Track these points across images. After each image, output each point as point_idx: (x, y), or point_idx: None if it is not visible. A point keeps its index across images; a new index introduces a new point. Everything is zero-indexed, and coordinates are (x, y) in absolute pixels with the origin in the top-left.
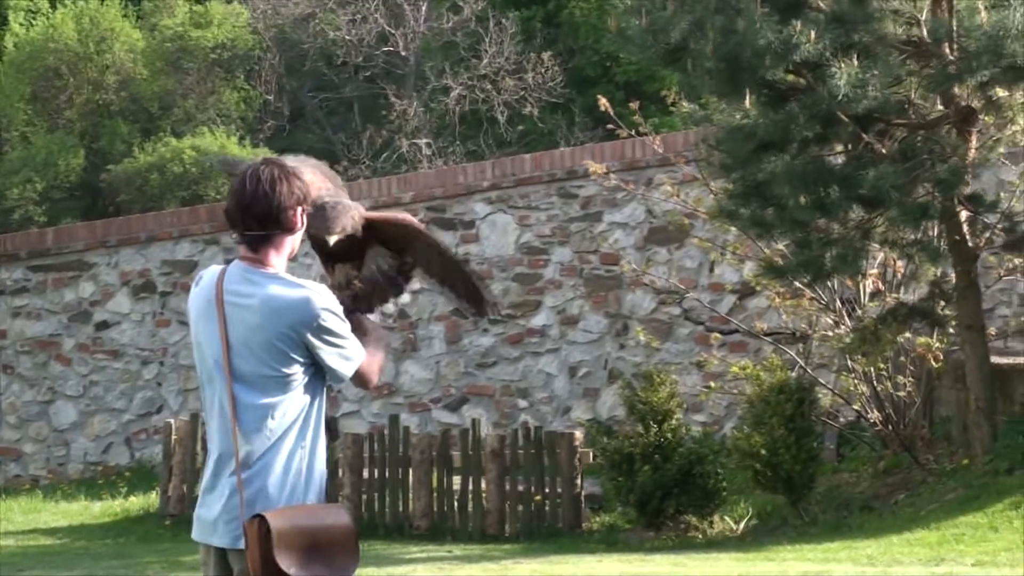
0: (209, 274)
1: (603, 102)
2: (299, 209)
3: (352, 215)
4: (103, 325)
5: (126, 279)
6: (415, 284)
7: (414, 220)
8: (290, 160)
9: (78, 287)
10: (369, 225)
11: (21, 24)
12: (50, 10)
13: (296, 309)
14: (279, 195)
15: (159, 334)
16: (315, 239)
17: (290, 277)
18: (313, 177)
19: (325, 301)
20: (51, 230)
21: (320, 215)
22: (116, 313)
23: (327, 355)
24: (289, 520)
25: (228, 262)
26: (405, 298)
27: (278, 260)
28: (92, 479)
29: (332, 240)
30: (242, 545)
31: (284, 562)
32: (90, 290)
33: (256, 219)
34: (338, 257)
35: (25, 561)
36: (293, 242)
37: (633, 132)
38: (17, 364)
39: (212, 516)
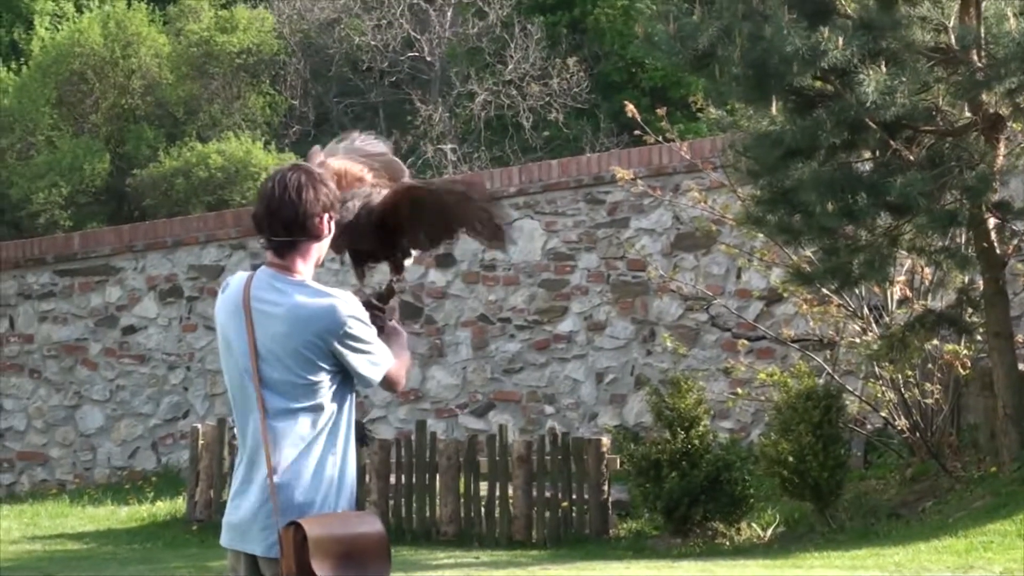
0: (236, 280)
1: (630, 108)
2: (326, 216)
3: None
4: (130, 330)
5: (153, 284)
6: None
7: (410, 183)
8: (321, 153)
9: (105, 292)
10: (383, 211)
11: (47, 28)
12: (76, 14)
13: (322, 317)
14: (306, 202)
15: (186, 339)
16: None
17: (316, 285)
18: (348, 166)
19: (351, 308)
20: (77, 234)
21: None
22: (143, 318)
23: (355, 361)
24: (325, 527)
25: (256, 268)
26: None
27: (304, 267)
28: (119, 484)
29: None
30: (276, 553)
31: (320, 570)
32: (117, 295)
33: (283, 225)
34: (369, 256)
35: (52, 566)
36: (320, 249)
37: (660, 138)
38: (44, 368)
39: (244, 522)
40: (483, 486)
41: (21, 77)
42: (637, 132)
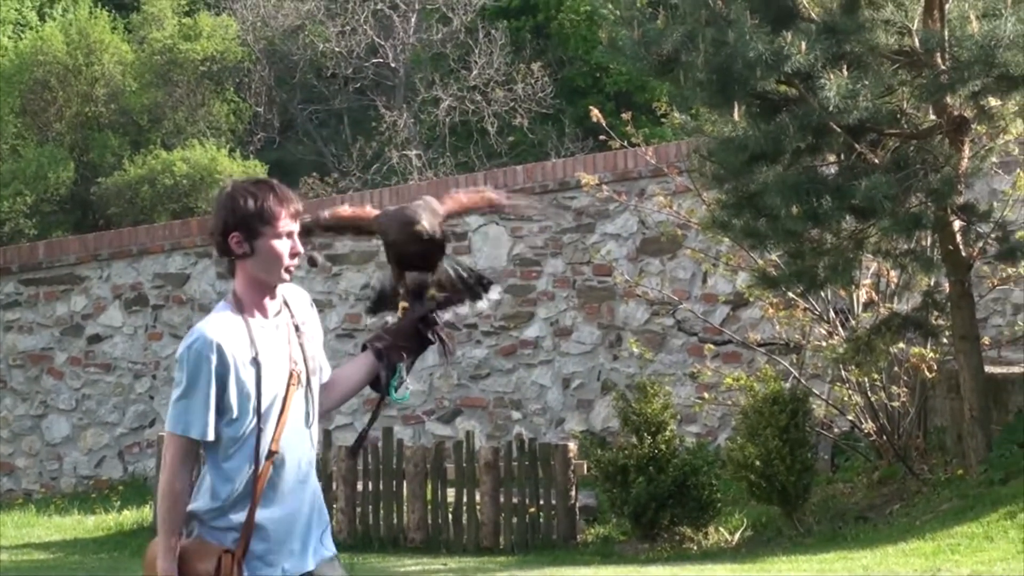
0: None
1: (595, 113)
2: (233, 235)
3: (432, 210)
4: (95, 339)
5: (118, 292)
6: (495, 294)
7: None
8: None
9: (70, 300)
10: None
11: (9, 37)
12: (38, 23)
13: None
14: (216, 217)
15: (151, 347)
16: (392, 245)
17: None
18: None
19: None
20: (42, 243)
21: (398, 215)
22: (108, 327)
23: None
24: None
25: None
26: (483, 305)
27: (238, 287)
28: (85, 493)
29: (423, 229)
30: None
31: None
32: (82, 304)
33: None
34: (412, 265)
35: None
36: (247, 269)
37: (625, 143)
38: (9, 378)
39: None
40: (450, 492)
41: None
42: (602, 137)
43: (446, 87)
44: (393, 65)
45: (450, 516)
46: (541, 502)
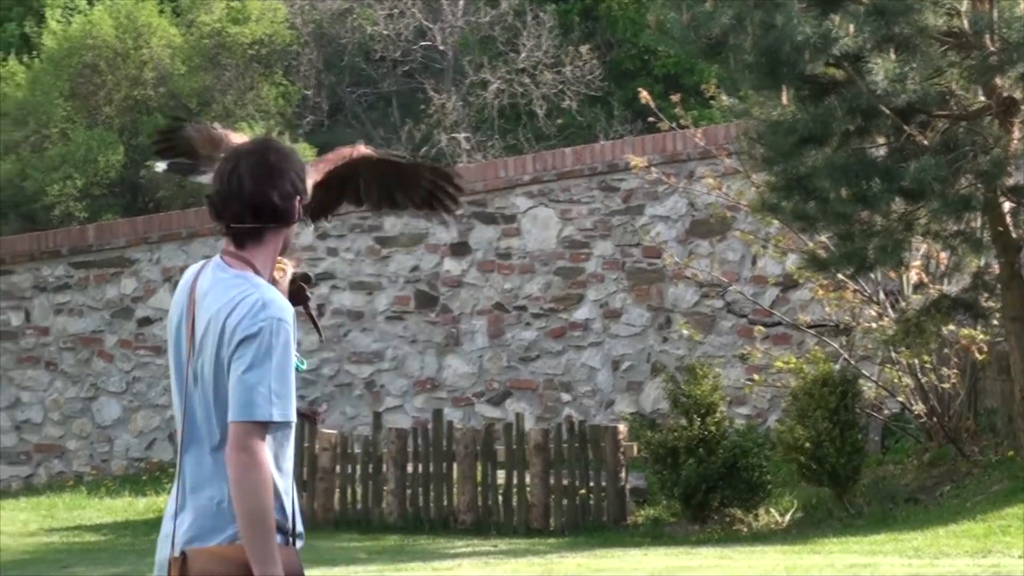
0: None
1: (644, 95)
2: (297, 199)
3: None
4: (145, 321)
5: (168, 275)
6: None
7: (355, 150)
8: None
9: (120, 283)
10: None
11: (58, 21)
12: (87, 7)
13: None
14: (278, 183)
15: None
16: None
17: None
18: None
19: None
20: (92, 226)
21: None
22: (158, 309)
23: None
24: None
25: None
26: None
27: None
28: (136, 475)
29: None
30: None
31: None
32: (132, 286)
33: (251, 209)
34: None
35: (70, 558)
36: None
37: (674, 125)
38: (60, 361)
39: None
40: (500, 474)
41: (33, 70)
42: (651, 119)
43: (495, 70)
44: (441, 48)
45: (500, 498)
46: (591, 484)
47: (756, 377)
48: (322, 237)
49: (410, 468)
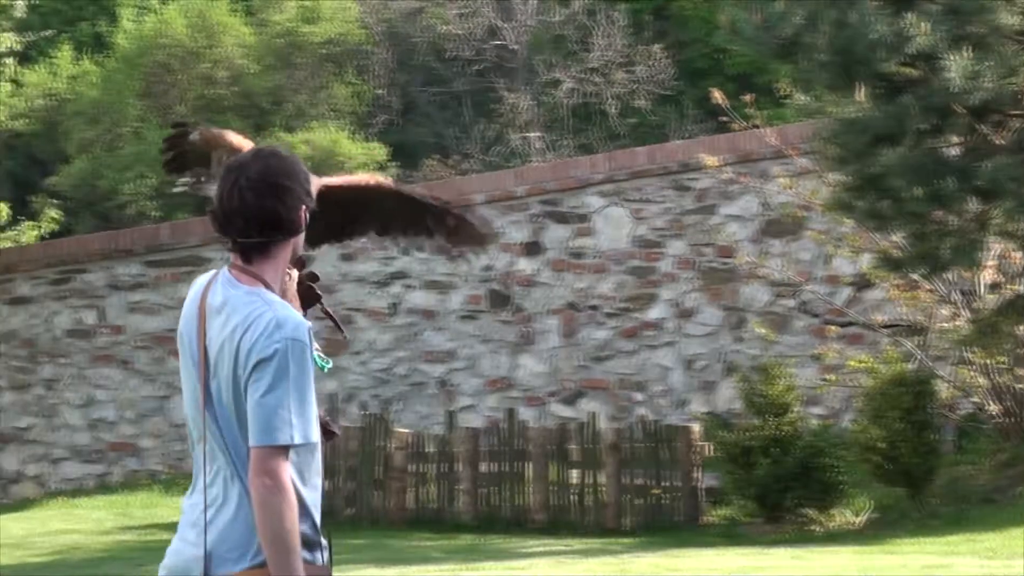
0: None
1: (717, 94)
2: (302, 208)
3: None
4: None
5: None
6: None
7: (372, 178)
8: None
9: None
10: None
11: (131, 20)
12: (160, 6)
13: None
14: (283, 195)
15: None
16: None
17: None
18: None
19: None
20: (166, 225)
21: None
22: None
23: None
24: None
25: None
26: None
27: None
28: None
29: None
30: None
31: None
32: None
33: (257, 223)
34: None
35: (145, 556)
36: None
37: (747, 124)
38: (134, 359)
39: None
40: (574, 474)
41: (107, 69)
42: (724, 118)
43: (566, 69)
44: (513, 47)
45: (573, 497)
46: (664, 484)
47: (830, 377)
48: None
49: (483, 467)
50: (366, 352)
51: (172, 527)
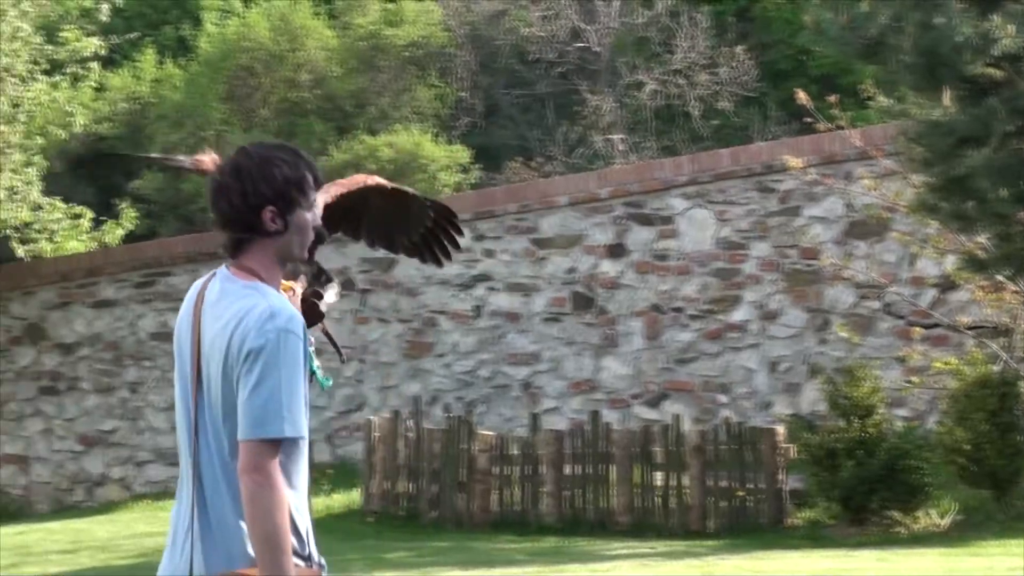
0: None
1: (801, 95)
2: (268, 208)
3: None
4: None
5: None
6: (332, 296)
7: (367, 178)
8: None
9: None
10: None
11: (214, 24)
12: (243, 9)
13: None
14: (243, 191)
15: (359, 331)
16: None
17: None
18: None
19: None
20: None
21: None
22: None
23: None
24: None
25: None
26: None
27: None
28: None
29: None
30: None
31: None
32: None
33: (223, 219)
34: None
35: None
36: (276, 247)
37: (831, 126)
38: None
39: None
40: (658, 476)
41: (190, 73)
42: (807, 120)
43: (649, 71)
44: (596, 49)
45: (658, 499)
46: (749, 486)
47: (915, 379)
48: (479, 239)
49: (567, 470)
50: (450, 354)
51: None
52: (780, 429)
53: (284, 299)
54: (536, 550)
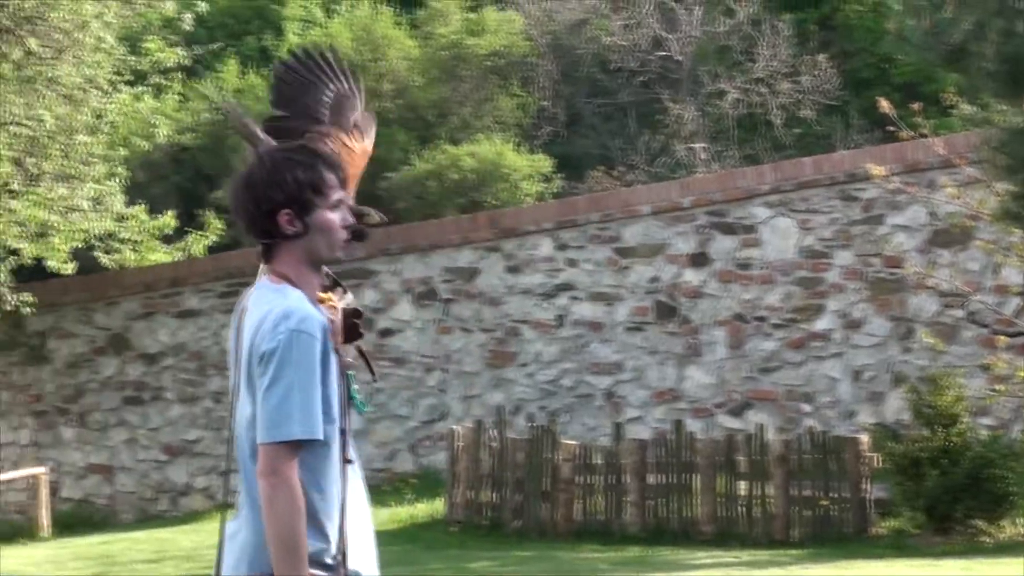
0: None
1: (884, 104)
2: (284, 211)
3: None
4: (387, 332)
5: (408, 287)
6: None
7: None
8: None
9: (361, 295)
10: None
11: (296, 34)
12: (325, 19)
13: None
14: (256, 195)
15: (442, 341)
16: None
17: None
18: None
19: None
20: None
21: None
22: (399, 320)
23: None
24: None
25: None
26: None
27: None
28: (378, 486)
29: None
30: None
31: None
32: (373, 298)
33: (243, 223)
34: None
35: None
36: (298, 250)
37: (914, 134)
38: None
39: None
40: (741, 485)
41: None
42: (890, 128)
43: (731, 79)
44: (678, 58)
45: (741, 509)
46: (833, 495)
47: (999, 387)
48: (562, 248)
49: (651, 479)
50: (532, 364)
51: None
52: (864, 438)
53: (303, 300)
54: (620, 559)
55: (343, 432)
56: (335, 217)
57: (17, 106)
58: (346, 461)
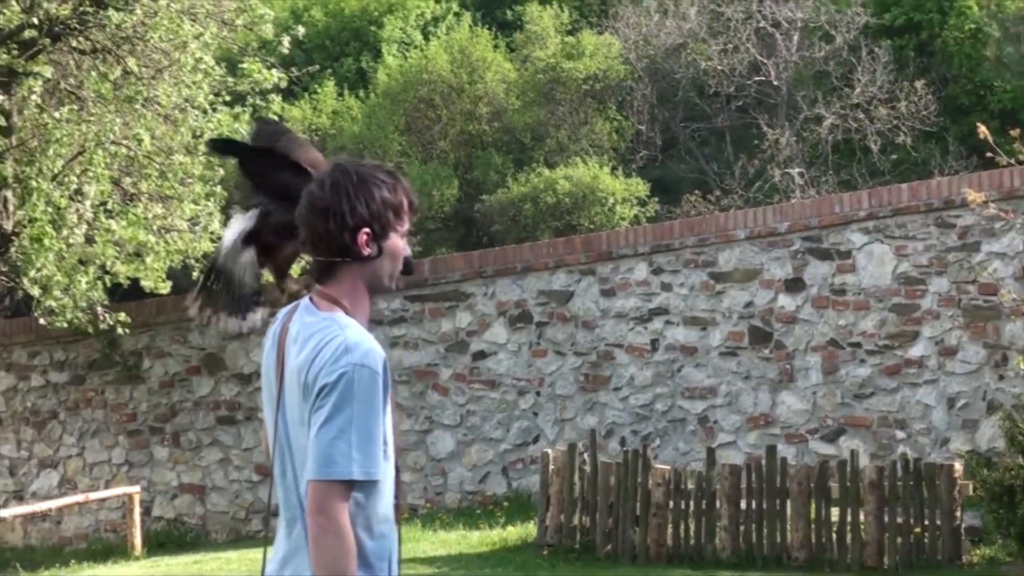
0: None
1: (981, 129)
2: (363, 231)
3: None
4: (480, 355)
5: (502, 309)
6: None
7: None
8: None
9: (455, 317)
10: None
11: (394, 56)
12: (423, 42)
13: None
14: (334, 212)
15: (535, 364)
16: None
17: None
18: None
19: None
20: (428, 260)
21: None
22: (493, 343)
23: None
24: None
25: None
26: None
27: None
28: (470, 508)
29: None
30: None
31: None
32: (467, 320)
33: (311, 241)
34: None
35: None
36: (365, 273)
37: (1012, 160)
38: (395, 394)
39: None
40: (834, 511)
41: (369, 105)
42: (988, 155)
43: (828, 105)
44: (775, 83)
45: (834, 535)
46: (926, 522)
47: None
48: (656, 272)
49: (743, 504)
50: (626, 388)
51: (431, 561)
52: (958, 465)
53: (363, 331)
54: None
55: (397, 471)
56: (402, 245)
57: (116, 126)
58: (396, 505)
